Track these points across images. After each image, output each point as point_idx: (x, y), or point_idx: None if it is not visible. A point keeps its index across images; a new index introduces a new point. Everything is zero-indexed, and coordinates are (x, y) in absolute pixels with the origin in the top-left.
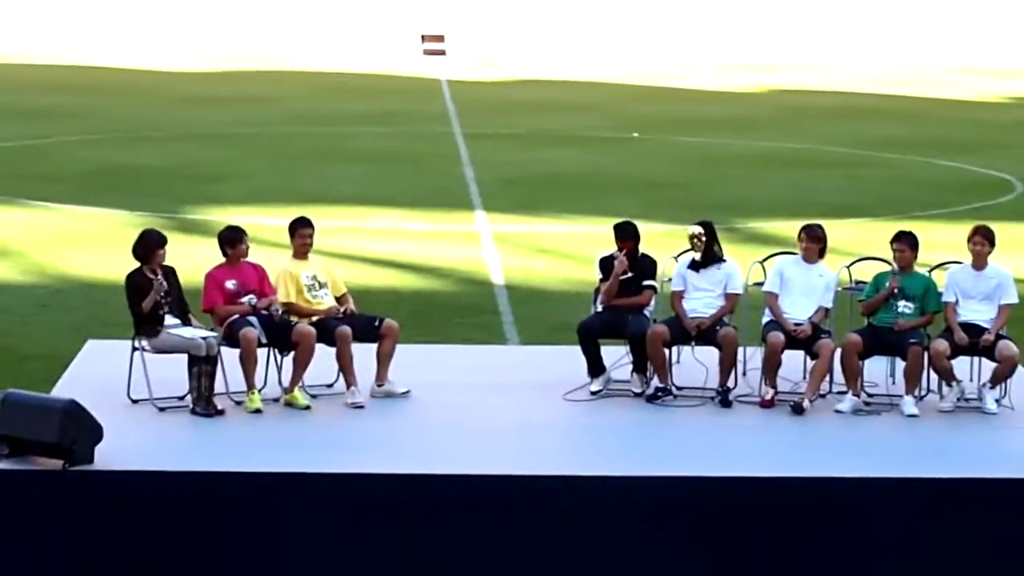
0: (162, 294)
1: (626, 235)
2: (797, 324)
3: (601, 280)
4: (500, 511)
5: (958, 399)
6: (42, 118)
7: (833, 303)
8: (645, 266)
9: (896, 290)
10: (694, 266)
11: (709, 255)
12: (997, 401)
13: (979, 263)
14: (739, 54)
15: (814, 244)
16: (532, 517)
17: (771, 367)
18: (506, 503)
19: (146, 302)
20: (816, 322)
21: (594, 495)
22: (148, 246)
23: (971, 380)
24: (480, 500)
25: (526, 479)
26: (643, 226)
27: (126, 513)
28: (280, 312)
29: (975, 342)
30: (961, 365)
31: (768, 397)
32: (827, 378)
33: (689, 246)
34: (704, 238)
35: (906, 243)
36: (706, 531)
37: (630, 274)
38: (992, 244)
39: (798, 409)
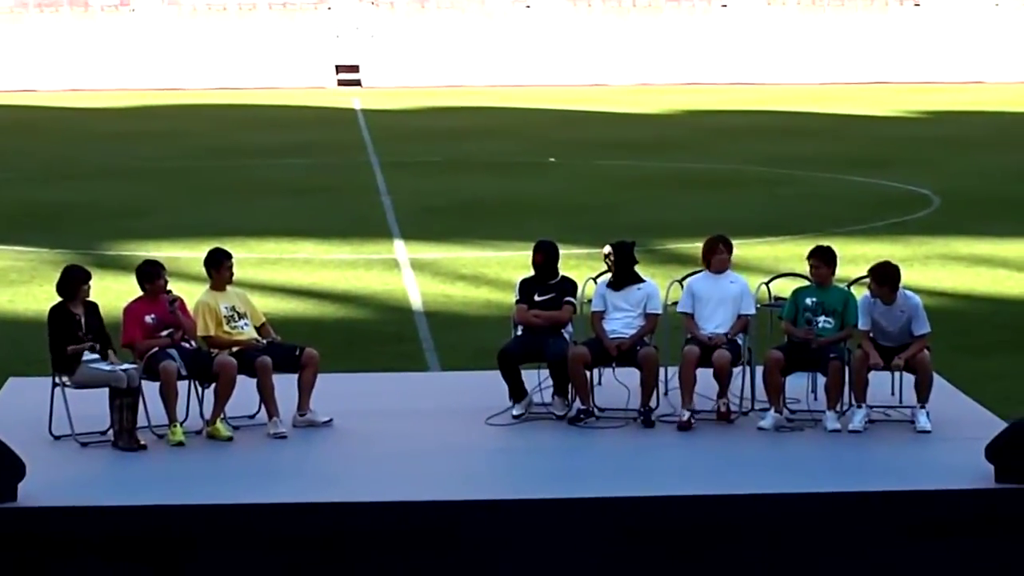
0: (87, 341)
1: (540, 249)
2: (712, 335)
3: (517, 302)
4: (425, 537)
5: (867, 419)
6: None
7: (755, 308)
8: (565, 286)
9: (813, 335)
10: (612, 285)
11: (624, 275)
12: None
13: (886, 300)
14: (655, 75)
15: (726, 254)
16: (457, 542)
17: (687, 382)
18: (431, 529)
19: (71, 349)
20: (732, 336)
21: (519, 518)
22: (72, 282)
23: (892, 394)
24: (405, 527)
25: (450, 504)
26: (563, 249)
27: (50, 549)
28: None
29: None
30: (882, 380)
31: (685, 419)
32: (750, 396)
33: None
34: (613, 257)
35: (820, 259)
36: (631, 551)
37: (551, 294)
38: (885, 281)
39: (723, 417)
